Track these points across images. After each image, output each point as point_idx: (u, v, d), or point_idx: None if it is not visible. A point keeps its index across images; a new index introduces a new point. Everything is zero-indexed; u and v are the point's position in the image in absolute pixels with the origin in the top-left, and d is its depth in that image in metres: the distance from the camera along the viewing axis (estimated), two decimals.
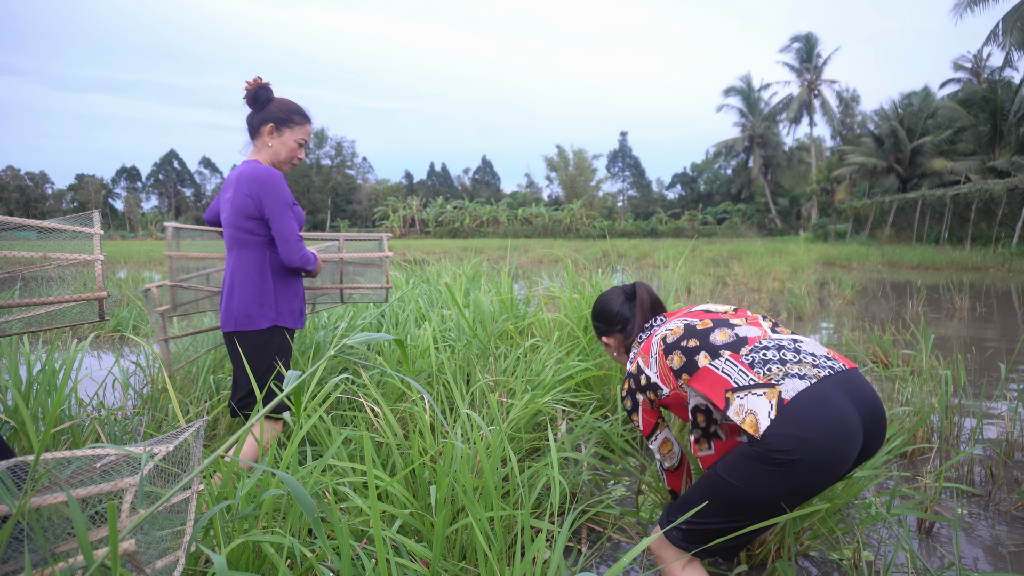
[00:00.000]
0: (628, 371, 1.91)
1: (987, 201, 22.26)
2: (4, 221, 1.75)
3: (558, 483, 1.91)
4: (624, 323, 2.07)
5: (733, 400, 1.55)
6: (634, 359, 1.91)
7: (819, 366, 1.58)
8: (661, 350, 1.79)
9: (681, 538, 1.64)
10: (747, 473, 1.52)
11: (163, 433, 2.80)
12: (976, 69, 41.70)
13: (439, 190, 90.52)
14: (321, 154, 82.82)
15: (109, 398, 3.68)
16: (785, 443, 1.45)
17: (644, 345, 1.91)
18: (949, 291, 10.47)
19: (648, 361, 1.84)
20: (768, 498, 1.52)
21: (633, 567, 2.16)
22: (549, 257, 21.19)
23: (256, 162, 2.37)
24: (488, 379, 2.79)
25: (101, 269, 1.72)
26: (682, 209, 74.82)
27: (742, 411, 1.52)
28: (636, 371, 1.87)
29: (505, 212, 66.05)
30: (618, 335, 2.09)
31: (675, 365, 1.73)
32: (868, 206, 32.72)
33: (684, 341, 1.74)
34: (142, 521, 1.16)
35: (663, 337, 1.82)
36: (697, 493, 1.63)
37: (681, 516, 1.62)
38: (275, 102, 2.41)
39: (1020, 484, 2.75)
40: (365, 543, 1.81)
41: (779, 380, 1.54)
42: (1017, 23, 21.85)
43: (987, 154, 30.47)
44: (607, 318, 2.12)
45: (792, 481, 1.48)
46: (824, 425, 1.47)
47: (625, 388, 1.91)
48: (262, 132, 2.39)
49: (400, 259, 9.19)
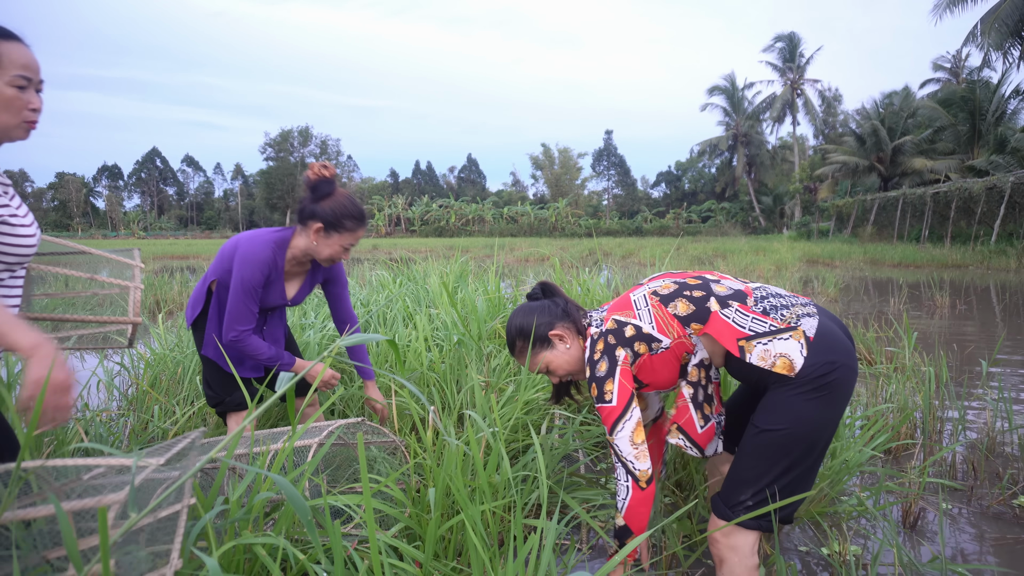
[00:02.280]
0: (601, 331, 1.77)
1: (966, 200, 22.57)
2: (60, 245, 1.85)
3: (545, 481, 1.91)
4: (564, 312, 1.92)
5: (753, 348, 1.62)
6: (604, 320, 1.79)
7: (806, 304, 1.71)
8: (656, 301, 1.74)
9: (755, 519, 1.61)
10: (792, 412, 1.58)
11: (148, 433, 2.78)
12: (955, 69, 42.30)
13: (424, 188, 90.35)
14: (306, 152, 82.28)
15: (94, 400, 3.64)
16: (821, 369, 1.58)
17: (617, 304, 1.81)
18: (930, 288, 10.61)
19: (634, 314, 1.75)
20: (816, 428, 1.59)
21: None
22: (535, 256, 21.21)
23: (268, 238, 2.26)
24: (480, 379, 2.79)
25: (138, 297, 1.80)
26: (667, 207, 75.23)
27: (769, 356, 1.61)
28: (616, 325, 1.74)
29: (491, 211, 66.01)
30: (565, 324, 1.90)
31: (680, 312, 1.71)
32: (850, 204, 33.06)
33: (687, 290, 1.73)
34: (128, 531, 1.15)
35: (653, 291, 1.77)
36: (748, 464, 1.62)
37: (748, 494, 1.60)
38: (332, 199, 2.23)
39: (1002, 478, 2.79)
40: (356, 544, 1.80)
41: (797, 322, 1.64)
42: (995, 24, 22.15)
43: (966, 153, 30.90)
44: (540, 314, 1.91)
45: (830, 405, 1.60)
46: (842, 348, 1.64)
47: (599, 348, 1.74)
48: (309, 226, 2.24)
49: (386, 258, 9.16)
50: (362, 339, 1.36)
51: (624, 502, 1.69)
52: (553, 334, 1.88)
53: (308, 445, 1.82)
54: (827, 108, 56.16)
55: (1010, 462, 3.03)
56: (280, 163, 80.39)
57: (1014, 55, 23.08)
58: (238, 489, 1.41)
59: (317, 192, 2.23)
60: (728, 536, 1.64)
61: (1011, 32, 22.26)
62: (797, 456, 1.59)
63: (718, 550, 1.66)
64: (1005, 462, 3.04)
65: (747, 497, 1.61)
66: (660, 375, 1.78)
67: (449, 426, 2.10)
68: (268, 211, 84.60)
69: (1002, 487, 2.69)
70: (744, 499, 1.61)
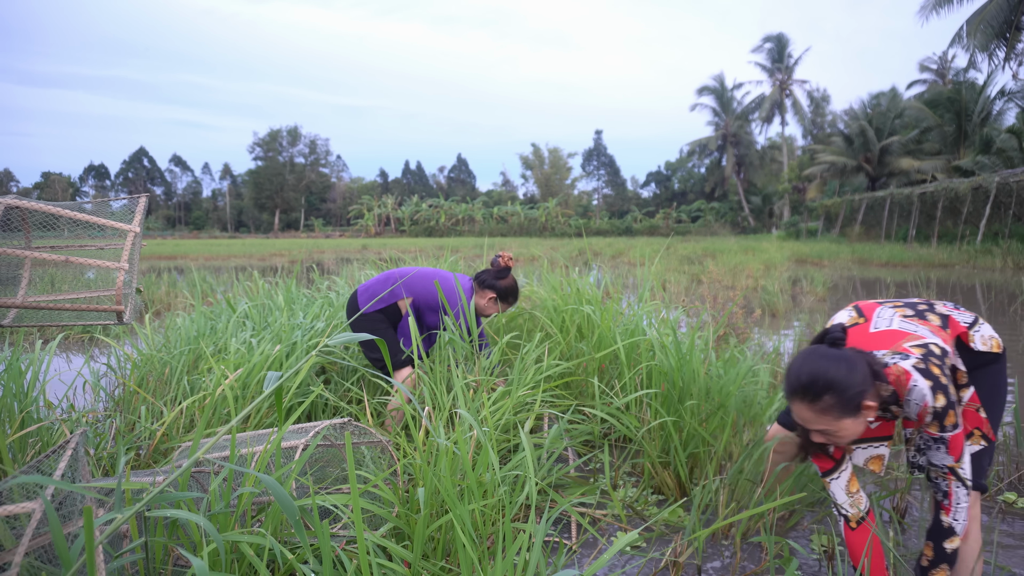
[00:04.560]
0: (921, 356, 1.65)
1: (952, 200, 22.79)
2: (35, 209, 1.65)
3: (533, 479, 1.91)
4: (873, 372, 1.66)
5: (974, 336, 1.86)
6: (908, 352, 1.68)
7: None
8: (913, 317, 1.86)
9: (978, 483, 1.81)
10: (1000, 384, 1.88)
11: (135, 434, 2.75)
12: (941, 70, 42.66)
13: (414, 188, 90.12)
14: (295, 152, 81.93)
15: (80, 400, 3.61)
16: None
17: (887, 337, 1.76)
18: (917, 288, 10.70)
19: (917, 333, 1.74)
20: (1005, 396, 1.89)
21: (616, 560, 2.17)
22: (525, 255, 21.21)
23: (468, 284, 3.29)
24: (472, 379, 2.79)
25: (122, 280, 1.65)
26: (656, 207, 75.38)
27: (987, 338, 1.86)
28: (940, 352, 1.68)
29: (481, 210, 65.91)
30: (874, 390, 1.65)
31: (935, 322, 1.86)
32: (838, 204, 33.30)
33: (918, 306, 1.90)
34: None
35: (903, 316, 1.85)
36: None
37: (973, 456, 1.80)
38: (508, 279, 3.28)
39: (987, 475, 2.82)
40: (345, 544, 1.80)
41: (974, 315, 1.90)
42: (980, 26, 22.36)
43: (952, 153, 31.20)
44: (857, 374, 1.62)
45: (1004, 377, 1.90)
46: None
47: (935, 370, 1.62)
48: (488, 296, 3.26)
49: (376, 258, 9.14)
50: (347, 339, 1.35)
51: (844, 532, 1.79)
52: (866, 404, 1.62)
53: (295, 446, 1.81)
54: (815, 108, 56.58)
55: (995, 459, 3.06)
56: (269, 163, 79.92)
57: (999, 56, 23.31)
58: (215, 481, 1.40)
59: (497, 269, 3.27)
60: (974, 506, 1.80)
61: (996, 33, 22.49)
62: (997, 419, 1.87)
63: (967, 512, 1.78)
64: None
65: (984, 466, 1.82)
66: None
67: (439, 426, 2.09)
68: (257, 211, 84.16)
69: (987, 483, 2.71)
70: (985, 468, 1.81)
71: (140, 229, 1.79)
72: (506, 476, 2.15)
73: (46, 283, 2.36)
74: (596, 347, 3.32)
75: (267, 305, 4.43)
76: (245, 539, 1.39)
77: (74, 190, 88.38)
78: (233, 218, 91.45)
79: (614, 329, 3.34)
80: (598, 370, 3.33)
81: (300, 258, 21.15)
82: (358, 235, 64.09)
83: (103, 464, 2.49)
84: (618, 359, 3.29)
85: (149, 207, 1.89)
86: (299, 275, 9.56)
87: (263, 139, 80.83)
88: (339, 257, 23.25)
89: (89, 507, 0.95)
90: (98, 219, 1.80)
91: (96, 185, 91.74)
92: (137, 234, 1.82)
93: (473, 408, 2.37)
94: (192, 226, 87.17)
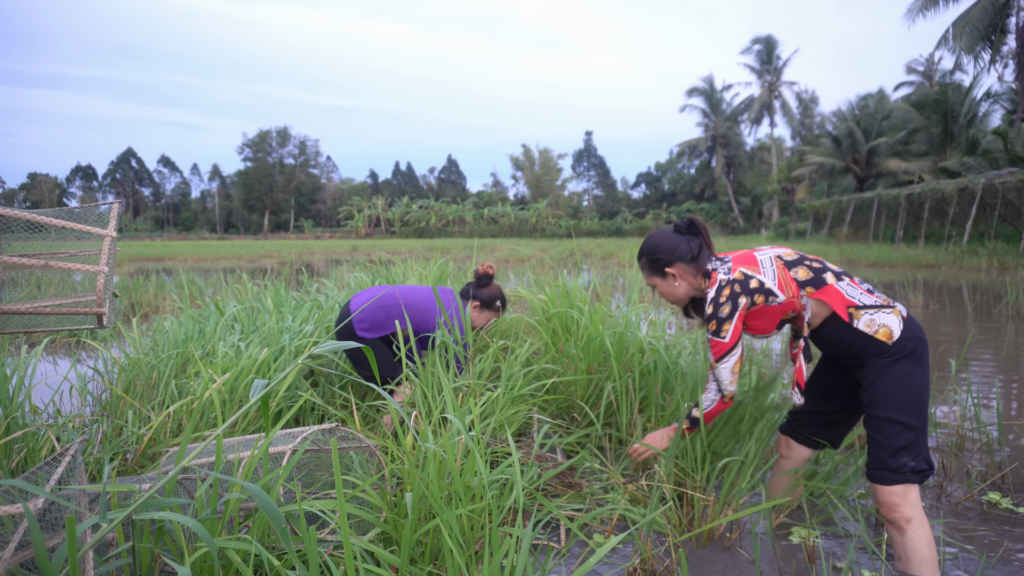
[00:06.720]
0: (728, 279, 2.09)
1: (939, 201, 22.99)
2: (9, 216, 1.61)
3: (520, 483, 1.92)
4: (696, 251, 2.21)
5: (860, 316, 1.99)
6: (731, 270, 2.11)
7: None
8: (780, 264, 2.09)
9: (916, 473, 1.92)
10: (896, 377, 1.94)
11: (122, 439, 2.74)
12: (928, 72, 43.04)
13: (404, 189, 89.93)
14: (284, 153, 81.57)
15: (66, 405, 3.58)
16: (912, 343, 1.96)
17: (742, 259, 2.13)
18: (904, 288, 10.79)
19: (759, 270, 2.08)
20: (919, 385, 1.95)
21: (603, 564, 2.18)
22: (516, 257, 21.22)
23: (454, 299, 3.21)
24: (463, 383, 2.79)
25: (103, 283, 1.65)
26: (647, 208, 75.50)
27: (874, 324, 1.97)
28: (743, 277, 2.07)
29: (471, 212, 65.82)
30: (687, 264, 2.21)
31: (800, 277, 2.07)
32: (827, 205, 33.50)
33: (807, 261, 2.10)
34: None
35: (778, 255, 2.12)
36: (890, 431, 1.92)
37: (906, 455, 1.91)
38: (491, 287, 3.30)
39: (970, 476, 2.85)
40: (332, 550, 1.80)
41: (894, 303, 2.02)
42: (966, 28, 22.59)
43: (939, 155, 31.48)
44: (668, 249, 2.23)
45: (923, 371, 1.97)
46: (922, 329, 2.02)
47: (725, 294, 2.07)
48: (472, 305, 3.27)
49: (365, 259, 9.11)
50: (334, 347, 1.35)
51: (710, 404, 2.22)
52: (669, 270, 2.23)
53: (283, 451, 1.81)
54: (804, 110, 56.86)
55: (979, 460, 3.10)
56: (258, 164, 79.53)
57: (985, 59, 23.56)
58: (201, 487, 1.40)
59: (481, 280, 3.28)
60: (906, 496, 1.92)
61: (982, 36, 22.73)
62: (920, 411, 1.93)
63: (900, 512, 1.93)
64: (974, 460, 3.10)
65: (907, 458, 1.91)
66: (764, 323, 2.13)
67: (427, 430, 2.09)
68: (246, 212, 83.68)
69: (970, 484, 2.74)
70: (905, 460, 1.91)
71: (115, 234, 1.79)
72: (494, 480, 2.16)
73: (32, 286, 2.34)
74: (584, 349, 3.33)
75: (256, 308, 4.41)
76: (232, 545, 1.39)
77: (61, 191, 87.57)
78: (222, 219, 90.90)
79: (603, 331, 3.35)
80: (587, 371, 3.34)
81: (289, 260, 21.06)
82: (348, 236, 63.85)
83: (90, 469, 2.48)
84: (608, 360, 3.30)
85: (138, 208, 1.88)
86: (288, 277, 9.51)
87: (252, 140, 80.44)
88: (329, 258, 23.17)
89: (71, 517, 0.95)
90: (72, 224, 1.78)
91: (83, 186, 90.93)
92: (113, 238, 1.82)
93: (461, 413, 2.37)
94: (181, 227, 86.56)
